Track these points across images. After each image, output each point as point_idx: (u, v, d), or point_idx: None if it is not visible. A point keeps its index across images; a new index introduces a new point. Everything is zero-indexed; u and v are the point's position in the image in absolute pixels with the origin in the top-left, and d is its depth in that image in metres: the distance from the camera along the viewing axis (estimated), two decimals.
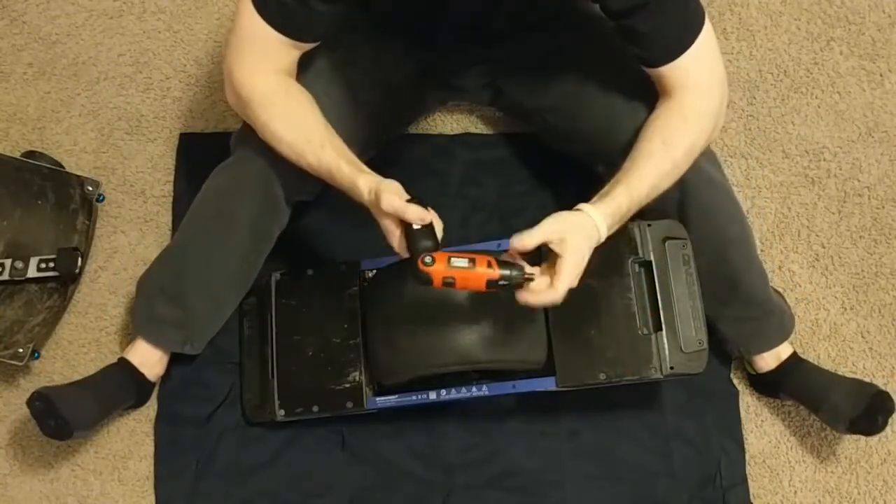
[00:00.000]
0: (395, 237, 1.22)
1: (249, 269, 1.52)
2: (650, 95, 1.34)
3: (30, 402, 1.40)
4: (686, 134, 1.28)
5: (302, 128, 1.29)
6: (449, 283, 1.20)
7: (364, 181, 1.24)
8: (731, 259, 1.45)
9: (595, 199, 1.25)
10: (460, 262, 1.19)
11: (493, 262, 1.20)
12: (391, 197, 1.19)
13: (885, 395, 1.45)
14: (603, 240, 1.23)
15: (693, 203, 1.39)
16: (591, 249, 1.22)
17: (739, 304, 1.48)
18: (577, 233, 1.20)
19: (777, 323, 1.54)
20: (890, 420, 1.45)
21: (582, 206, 1.24)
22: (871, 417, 1.43)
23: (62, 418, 1.39)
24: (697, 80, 1.28)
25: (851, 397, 1.47)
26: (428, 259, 1.19)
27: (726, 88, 1.32)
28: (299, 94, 1.31)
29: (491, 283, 1.20)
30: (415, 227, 1.21)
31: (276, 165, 1.36)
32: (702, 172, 1.38)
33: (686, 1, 1.24)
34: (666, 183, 1.29)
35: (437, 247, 1.21)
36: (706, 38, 1.25)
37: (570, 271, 1.18)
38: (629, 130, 1.36)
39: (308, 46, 1.30)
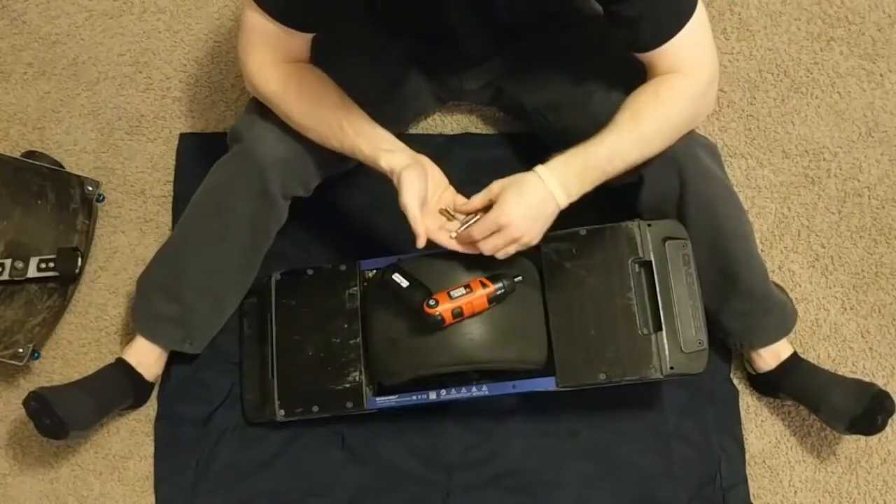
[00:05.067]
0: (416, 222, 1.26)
1: (248, 267, 1.52)
2: None
3: (25, 402, 1.40)
4: (656, 109, 1.28)
5: (319, 114, 1.32)
6: (458, 315, 1.31)
7: (385, 163, 1.29)
8: (730, 252, 1.45)
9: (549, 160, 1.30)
10: (458, 291, 1.31)
11: (485, 281, 1.32)
12: (410, 198, 1.24)
13: (884, 395, 1.45)
14: (563, 202, 1.27)
15: (691, 194, 1.39)
16: (540, 205, 1.26)
17: (739, 299, 1.48)
18: (514, 188, 1.26)
19: (778, 318, 1.54)
20: (890, 420, 1.45)
21: (536, 167, 1.28)
22: (871, 417, 1.43)
23: (58, 417, 1.39)
24: (681, 64, 1.28)
25: (851, 397, 1.47)
26: (432, 302, 1.30)
27: (716, 74, 1.32)
28: (312, 79, 1.33)
29: (491, 299, 1.33)
30: (403, 285, 1.33)
31: (270, 161, 1.37)
32: (700, 164, 1.39)
33: None
34: (633, 154, 1.29)
35: (430, 291, 1.31)
36: (696, 25, 1.26)
37: (496, 219, 1.25)
38: None
39: (308, 37, 1.31)
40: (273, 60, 1.31)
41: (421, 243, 1.25)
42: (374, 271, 1.50)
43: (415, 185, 1.26)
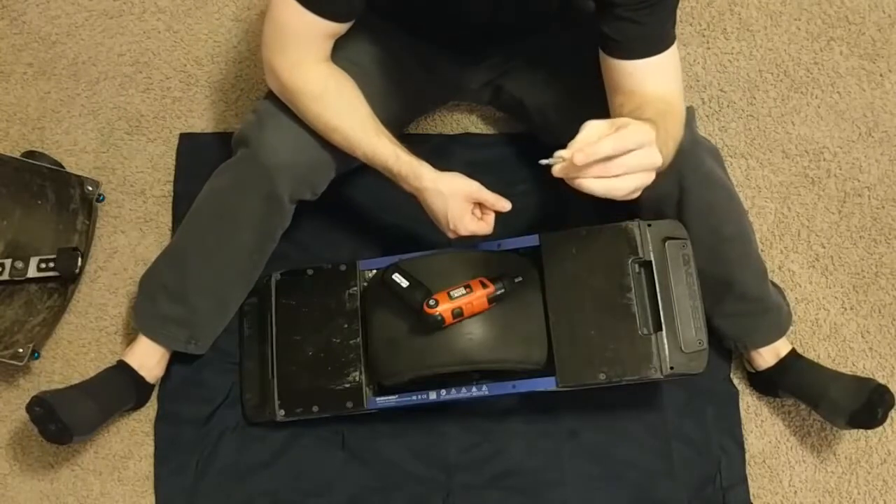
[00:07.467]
0: (468, 217, 1.32)
1: (253, 268, 1.52)
2: None
3: (29, 408, 1.40)
4: (679, 136, 1.26)
5: (355, 118, 1.33)
6: (458, 315, 1.31)
7: (427, 169, 1.33)
8: (725, 257, 1.45)
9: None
10: (458, 291, 1.32)
11: (485, 281, 1.33)
12: (475, 184, 1.33)
13: (884, 389, 1.45)
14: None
15: (691, 200, 1.39)
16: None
17: (734, 301, 1.49)
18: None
19: (773, 320, 1.54)
20: (890, 419, 1.45)
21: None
22: (871, 410, 1.43)
23: (62, 423, 1.39)
24: (673, 83, 1.27)
25: (850, 392, 1.47)
26: (432, 302, 1.30)
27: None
28: (347, 83, 1.34)
29: (491, 299, 1.33)
30: (402, 285, 1.34)
31: (279, 166, 1.37)
32: (701, 171, 1.39)
33: (674, 10, 1.25)
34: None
35: (430, 291, 1.32)
36: (675, 52, 1.27)
37: (640, 132, 1.01)
38: None
39: (343, 28, 1.30)
40: (311, 59, 1.30)
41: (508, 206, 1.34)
42: (374, 271, 1.50)
43: (467, 178, 1.33)
